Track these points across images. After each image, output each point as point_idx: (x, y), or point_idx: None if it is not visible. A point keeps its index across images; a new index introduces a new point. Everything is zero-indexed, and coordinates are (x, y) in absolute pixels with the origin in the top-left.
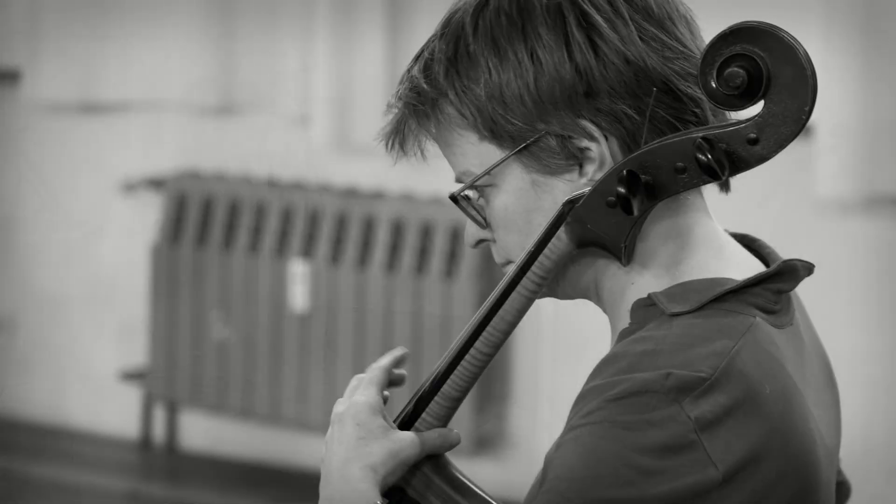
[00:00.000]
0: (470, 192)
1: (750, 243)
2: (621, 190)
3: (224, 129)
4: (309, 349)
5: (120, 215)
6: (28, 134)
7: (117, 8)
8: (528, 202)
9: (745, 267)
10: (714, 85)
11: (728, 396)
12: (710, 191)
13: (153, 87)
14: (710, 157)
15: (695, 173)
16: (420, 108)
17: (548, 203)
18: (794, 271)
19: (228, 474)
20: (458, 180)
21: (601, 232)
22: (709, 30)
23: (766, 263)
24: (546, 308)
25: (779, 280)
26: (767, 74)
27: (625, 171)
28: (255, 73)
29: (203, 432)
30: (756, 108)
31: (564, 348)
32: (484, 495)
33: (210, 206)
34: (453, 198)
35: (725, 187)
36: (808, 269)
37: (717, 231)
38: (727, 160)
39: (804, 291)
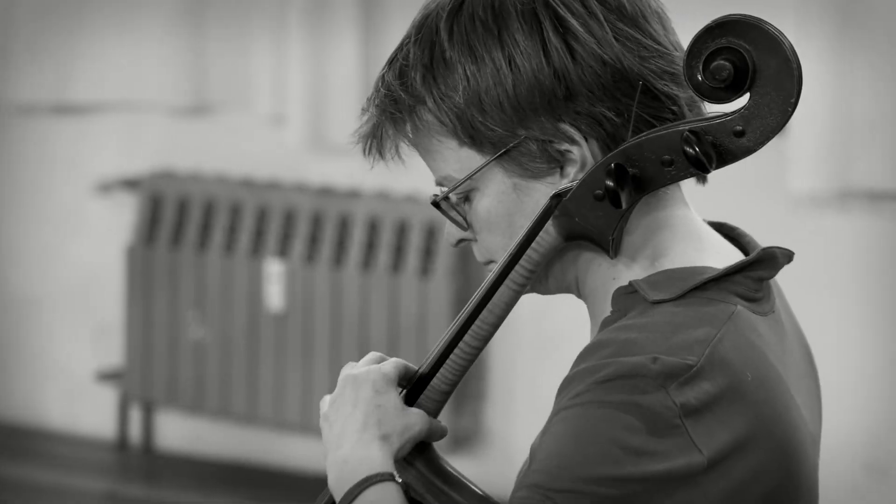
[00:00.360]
0: (451, 196)
1: (729, 232)
2: (610, 183)
3: (199, 129)
4: (285, 348)
5: (95, 216)
6: (2, 135)
7: (91, 9)
8: (510, 205)
9: (725, 256)
10: (700, 78)
11: (713, 384)
12: (686, 184)
13: (127, 88)
14: (697, 149)
15: (682, 166)
16: (398, 116)
17: (530, 206)
18: (774, 259)
19: (205, 474)
20: (439, 184)
21: (589, 225)
22: (684, 24)
23: (746, 252)
24: (522, 306)
25: (759, 268)
26: (753, 67)
27: (613, 165)
28: (230, 72)
29: (180, 432)
30: (739, 102)
31: (540, 346)
32: (473, 487)
33: (185, 206)
34: (435, 203)
35: (703, 179)
36: (788, 256)
37: (696, 221)
38: (714, 152)
39: (780, 285)
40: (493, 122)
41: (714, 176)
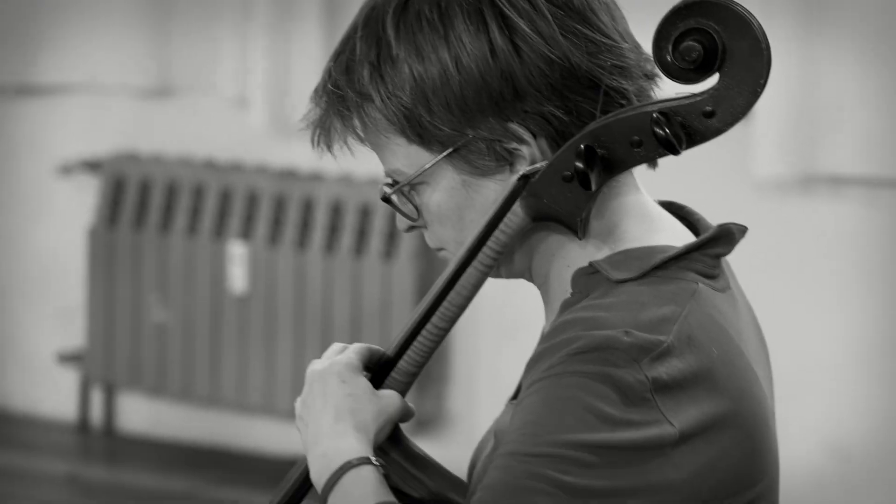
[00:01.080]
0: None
1: (678, 210)
2: (579, 165)
3: (162, 111)
4: (248, 331)
5: (57, 198)
6: None
7: None
8: (460, 200)
9: (679, 235)
10: (669, 59)
11: (683, 362)
12: (641, 170)
13: (91, 70)
14: (667, 130)
15: (651, 147)
16: (345, 113)
17: (479, 201)
18: (730, 235)
19: (167, 456)
20: (388, 175)
21: (557, 206)
22: (647, 10)
23: (696, 230)
24: (483, 290)
25: (716, 245)
26: (723, 48)
27: (582, 146)
28: (193, 55)
29: (141, 414)
30: (707, 83)
31: (502, 330)
32: (441, 469)
33: (148, 188)
34: (385, 198)
35: (654, 164)
36: (743, 231)
37: (650, 204)
38: (684, 133)
39: (741, 271)
40: (441, 122)
41: (677, 161)
